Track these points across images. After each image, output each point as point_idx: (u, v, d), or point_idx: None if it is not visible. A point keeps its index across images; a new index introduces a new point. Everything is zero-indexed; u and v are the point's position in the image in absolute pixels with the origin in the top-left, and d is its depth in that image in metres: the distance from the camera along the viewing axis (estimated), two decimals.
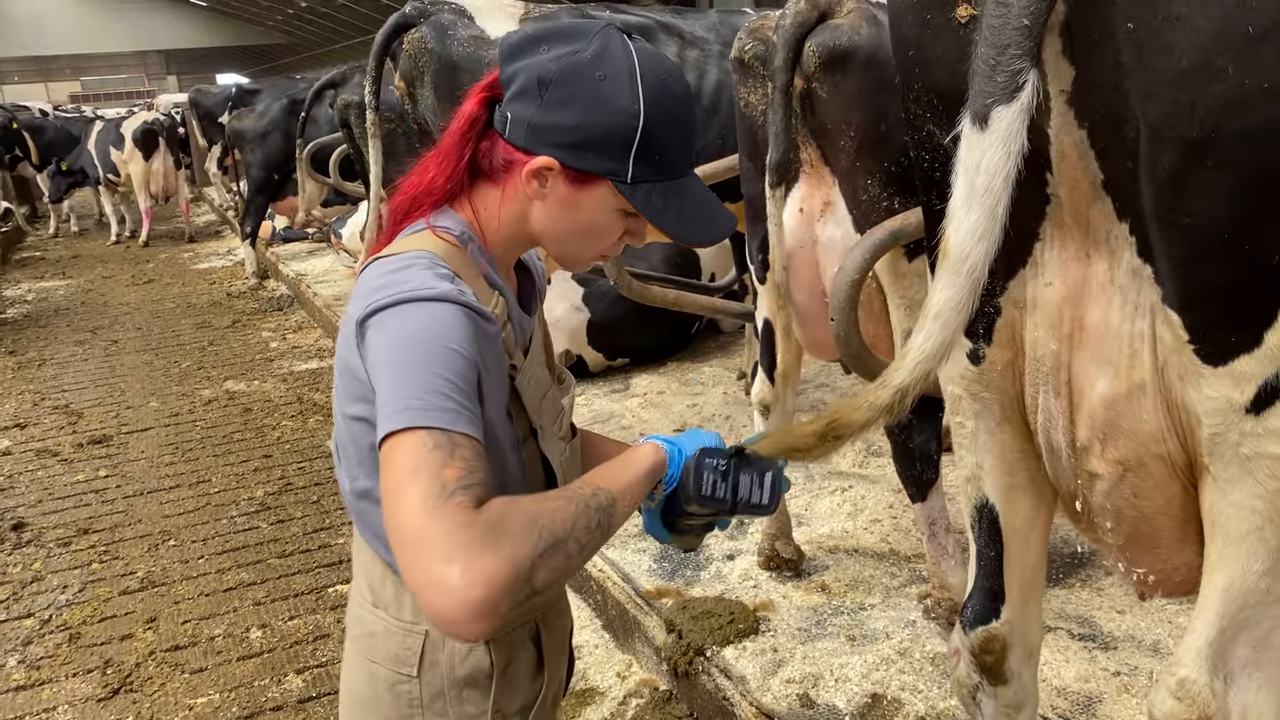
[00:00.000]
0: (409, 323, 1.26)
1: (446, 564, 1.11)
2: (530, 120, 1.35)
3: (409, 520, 1.15)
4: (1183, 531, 1.60)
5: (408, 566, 1.15)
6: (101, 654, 3.91)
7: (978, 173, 1.28)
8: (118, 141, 14.05)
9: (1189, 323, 1.38)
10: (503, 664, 1.51)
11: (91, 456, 6.11)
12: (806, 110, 3.02)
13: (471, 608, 1.11)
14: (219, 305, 10.38)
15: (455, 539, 1.13)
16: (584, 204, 1.38)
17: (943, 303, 1.30)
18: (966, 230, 1.27)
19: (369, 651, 1.52)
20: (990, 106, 1.28)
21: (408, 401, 1.21)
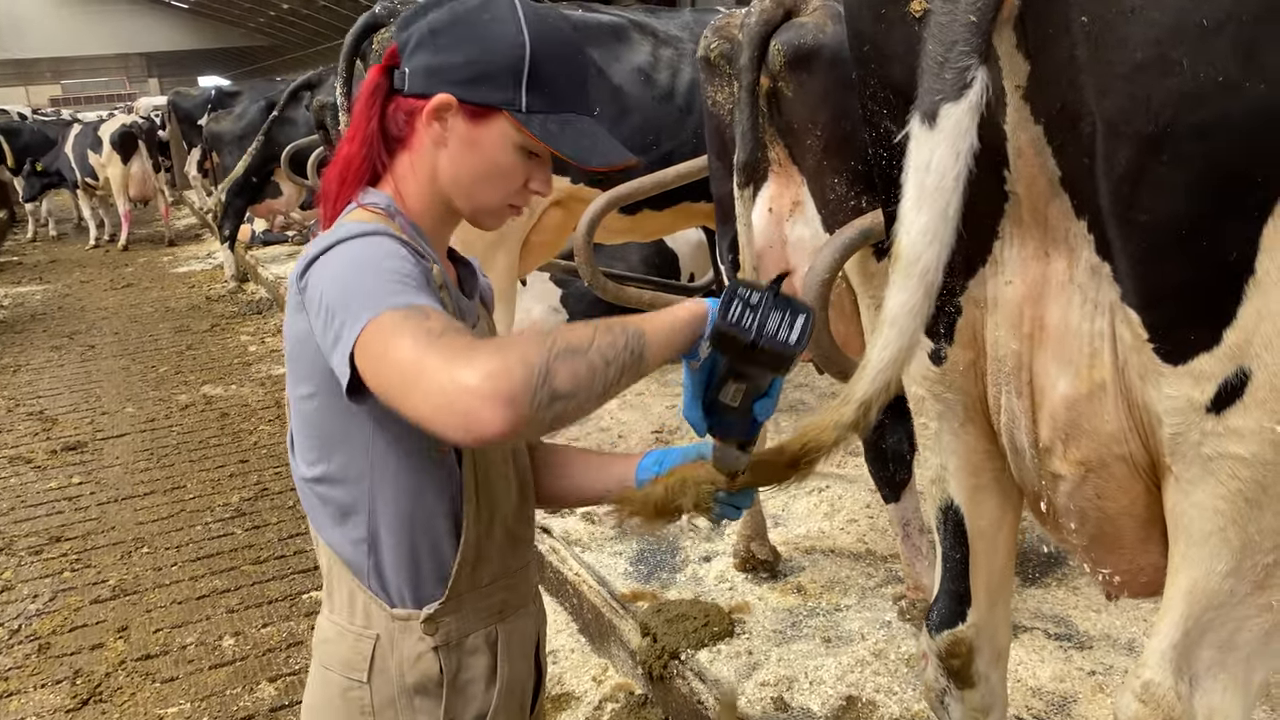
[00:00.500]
0: (346, 254, 1.31)
1: (456, 371, 1.12)
2: (425, 65, 1.41)
3: (405, 361, 1.16)
4: (1146, 532, 1.58)
5: (414, 397, 1.15)
6: (71, 664, 3.85)
7: (927, 172, 1.26)
8: (96, 145, 13.94)
9: (1148, 321, 1.35)
10: (453, 671, 1.48)
11: (65, 463, 6.04)
12: (773, 109, 2.99)
13: (490, 397, 1.10)
14: (198, 309, 10.30)
15: (458, 356, 1.13)
16: (485, 141, 1.41)
17: (898, 308, 1.27)
18: (918, 232, 1.24)
19: (323, 658, 1.51)
20: (939, 104, 1.26)
21: (366, 301, 1.23)
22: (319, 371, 1.35)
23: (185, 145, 15.18)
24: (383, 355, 1.19)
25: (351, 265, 1.30)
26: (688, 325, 1.35)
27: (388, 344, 1.18)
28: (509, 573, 1.55)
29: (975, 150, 1.22)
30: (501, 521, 1.52)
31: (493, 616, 1.53)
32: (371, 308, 1.22)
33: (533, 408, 1.12)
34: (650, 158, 4.42)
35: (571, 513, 4.24)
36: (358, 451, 1.41)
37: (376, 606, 1.45)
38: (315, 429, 1.42)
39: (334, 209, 1.49)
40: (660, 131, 4.48)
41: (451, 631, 1.48)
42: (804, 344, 1.31)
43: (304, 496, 1.48)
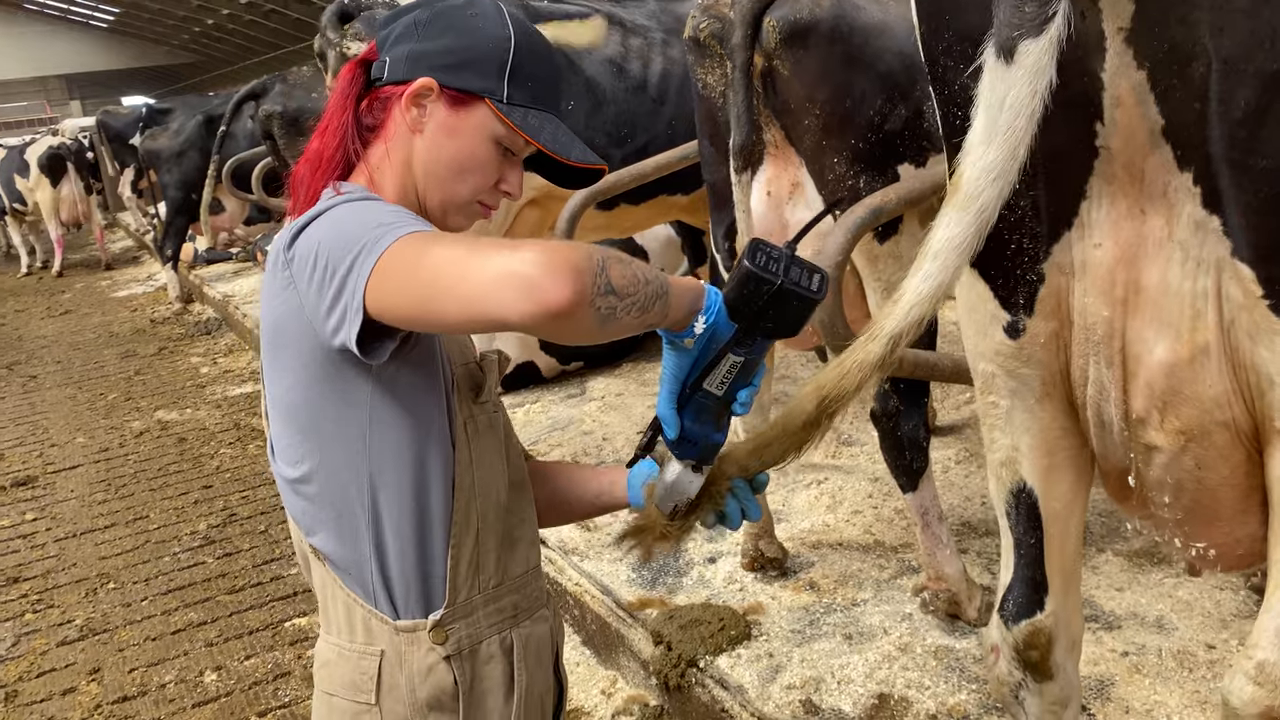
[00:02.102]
0: (338, 213, 1.29)
1: (514, 251, 1.10)
2: (408, 52, 1.39)
3: (450, 259, 1.13)
4: (1246, 503, 1.49)
5: (467, 287, 1.11)
6: (42, 712, 3.62)
7: (1001, 109, 1.18)
8: (22, 169, 13.45)
9: (1264, 275, 1.27)
10: (468, 682, 1.41)
11: (16, 499, 5.75)
12: (768, 89, 2.89)
13: (554, 267, 1.08)
14: (143, 333, 9.95)
15: (508, 245, 1.11)
16: (463, 129, 1.38)
17: (945, 241, 1.20)
18: (983, 168, 1.17)
19: (325, 683, 1.44)
20: (1017, 39, 1.18)
21: (372, 238, 1.20)
22: (307, 355, 1.30)
23: (117, 166, 14.72)
24: (416, 269, 1.15)
25: (347, 217, 1.27)
26: (690, 293, 1.31)
27: (420, 256, 1.16)
28: (512, 575, 1.49)
29: (1053, 88, 1.13)
30: (496, 514, 1.46)
31: (505, 621, 1.46)
32: (382, 241, 1.19)
33: (594, 289, 1.11)
34: (625, 151, 4.31)
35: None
36: (353, 441, 1.34)
37: (377, 621, 1.38)
38: (302, 421, 1.35)
39: (306, 199, 1.43)
40: (635, 124, 4.37)
41: (463, 639, 1.41)
42: (824, 293, 1.30)
43: (291, 503, 1.41)
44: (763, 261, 1.27)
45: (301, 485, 1.38)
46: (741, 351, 1.33)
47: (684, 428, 1.39)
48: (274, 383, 1.36)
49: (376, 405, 1.32)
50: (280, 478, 1.40)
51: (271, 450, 1.42)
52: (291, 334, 1.30)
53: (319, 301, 1.23)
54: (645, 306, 1.19)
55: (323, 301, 1.22)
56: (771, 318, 1.30)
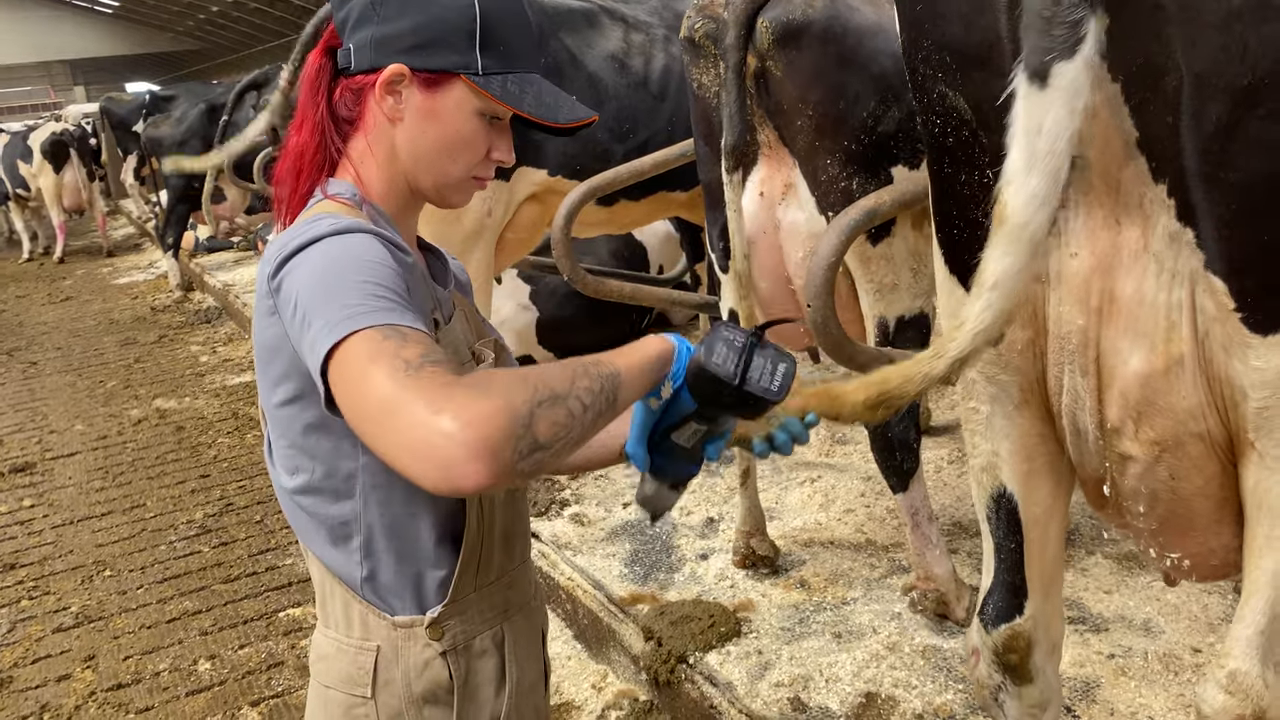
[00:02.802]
0: (323, 254, 1.21)
1: (435, 414, 1.01)
2: (371, 37, 1.33)
3: (381, 395, 1.05)
4: (1220, 513, 1.51)
5: (392, 435, 1.04)
6: (37, 698, 3.64)
7: (1039, 135, 1.17)
8: (26, 155, 13.44)
9: (1235, 288, 1.28)
10: (463, 676, 1.41)
11: (14, 486, 5.77)
12: (762, 90, 2.89)
13: (471, 447, 1.00)
14: (143, 320, 9.96)
15: (438, 394, 1.03)
16: (443, 110, 1.34)
17: (1002, 271, 1.20)
18: (1028, 195, 1.16)
19: (322, 676, 1.44)
20: (1050, 63, 1.17)
21: (343, 313, 1.13)
22: (297, 373, 1.27)
23: (120, 152, 14.73)
24: (357, 385, 1.09)
25: (328, 267, 1.20)
26: (657, 363, 1.29)
27: (363, 372, 1.08)
28: (507, 571, 1.50)
29: (1089, 109, 1.14)
30: (500, 512, 1.47)
31: (498, 616, 1.47)
32: (346, 322, 1.12)
33: (514, 459, 1.03)
34: (627, 146, 4.31)
35: (560, 515, 4.12)
36: (345, 454, 1.33)
37: (375, 617, 1.39)
38: (296, 436, 1.34)
39: (293, 204, 1.40)
40: (636, 120, 4.37)
41: (458, 635, 1.42)
42: (785, 393, 1.29)
43: (288, 510, 1.41)
44: (720, 359, 1.26)
45: (298, 496, 1.37)
46: (705, 423, 1.35)
47: (655, 464, 1.42)
48: (267, 394, 1.35)
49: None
50: (277, 485, 1.41)
51: (269, 451, 1.41)
52: (280, 353, 1.29)
53: (298, 341, 1.20)
54: (585, 433, 1.14)
55: (300, 344, 1.20)
56: (730, 409, 1.31)
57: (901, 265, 2.81)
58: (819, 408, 1.38)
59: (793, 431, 1.44)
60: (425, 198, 1.43)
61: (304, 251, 1.22)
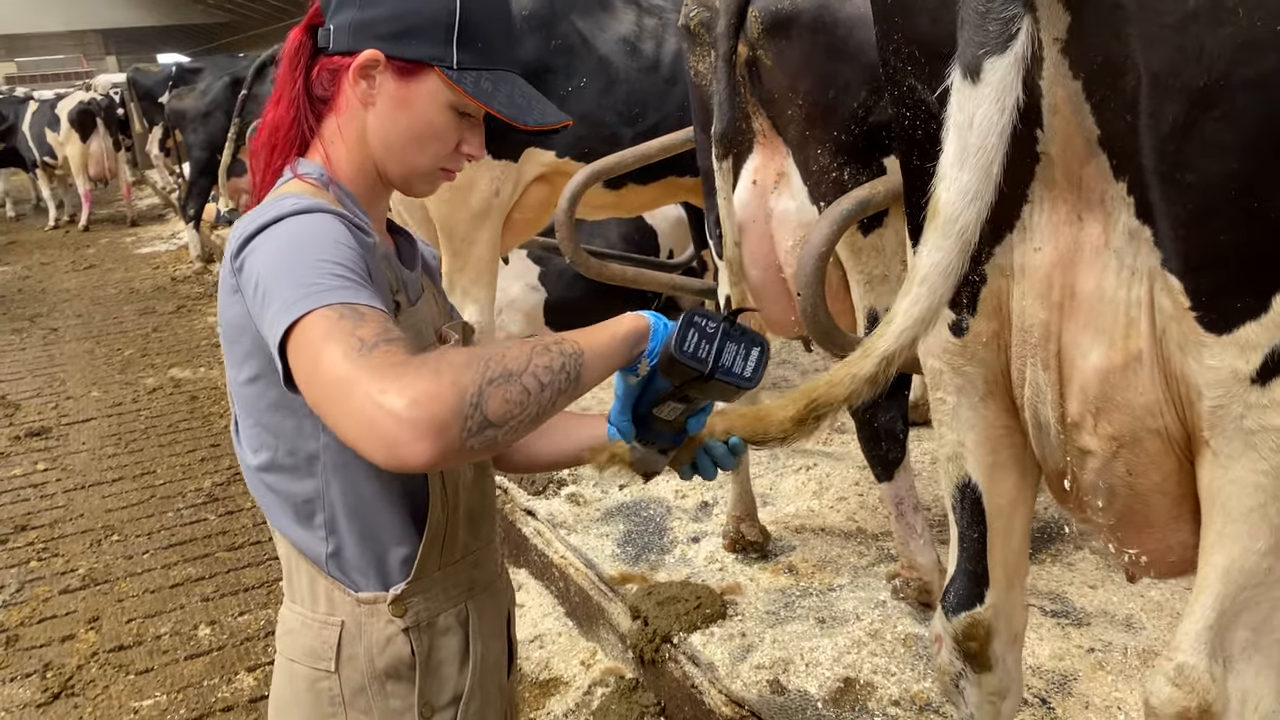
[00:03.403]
0: (284, 233, 1.23)
1: (382, 392, 1.04)
2: (351, 21, 1.34)
3: (333, 373, 1.08)
4: (1178, 510, 1.52)
5: (340, 414, 1.07)
6: (41, 656, 3.73)
7: (970, 129, 1.19)
8: (53, 123, 13.59)
9: (1191, 287, 1.29)
10: (425, 652, 1.43)
11: (30, 449, 5.87)
12: (754, 78, 2.90)
13: (417, 425, 1.03)
14: (163, 290, 10.08)
15: (388, 373, 1.05)
16: (415, 100, 1.35)
17: (930, 266, 1.21)
18: (958, 190, 1.17)
19: (288, 649, 1.46)
20: (982, 58, 1.19)
21: (300, 291, 1.15)
22: (260, 352, 1.29)
23: (146, 123, 14.84)
24: (312, 362, 1.11)
25: (288, 246, 1.22)
26: (627, 341, 1.31)
27: (318, 350, 1.10)
28: (472, 550, 1.52)
29: (1020, 105, 1.15)
30: (464, 493, 1.48)
31: (462, 594, 1.49)
32: (304, 300, 1.14)
33: (462, 436, 1.06)
34: (636, 130, 4.32)
35: (556, 494, 4.16)
36: (307, 433, 1.35)
37: (340, 592, 1.41)
38: (260, 414, 1.35)
39: (265, 180, 1.42)
40: (646, 103, 4.38)
41: (421, 612, 1.43)
42: (758, 378, 1.31)
43: (253, 486, 1.42)
44: (691, 346, 1.27)
45: (262, 474, 1.39)
46: (683, 402, 1.37)
47: (640, 434, 1.44)
48: (233, 371, 1.37)
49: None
50: (243, 463, 1.42)
51: (235, 430, 1.42)
52: (244, 332, 1.30)
53: (259, 320, 1.22)
54: (543, 410, 1.15)
55: (261, 323, 1.21)
56: (704, 393, 1.33)
57: (892, 257, 2.82)
58: (743, 431, 1.39)
59: (715, 455, 1.45)
60: (392, 185, 1.44)
61: (266, 231, 1.24)
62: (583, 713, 3.08)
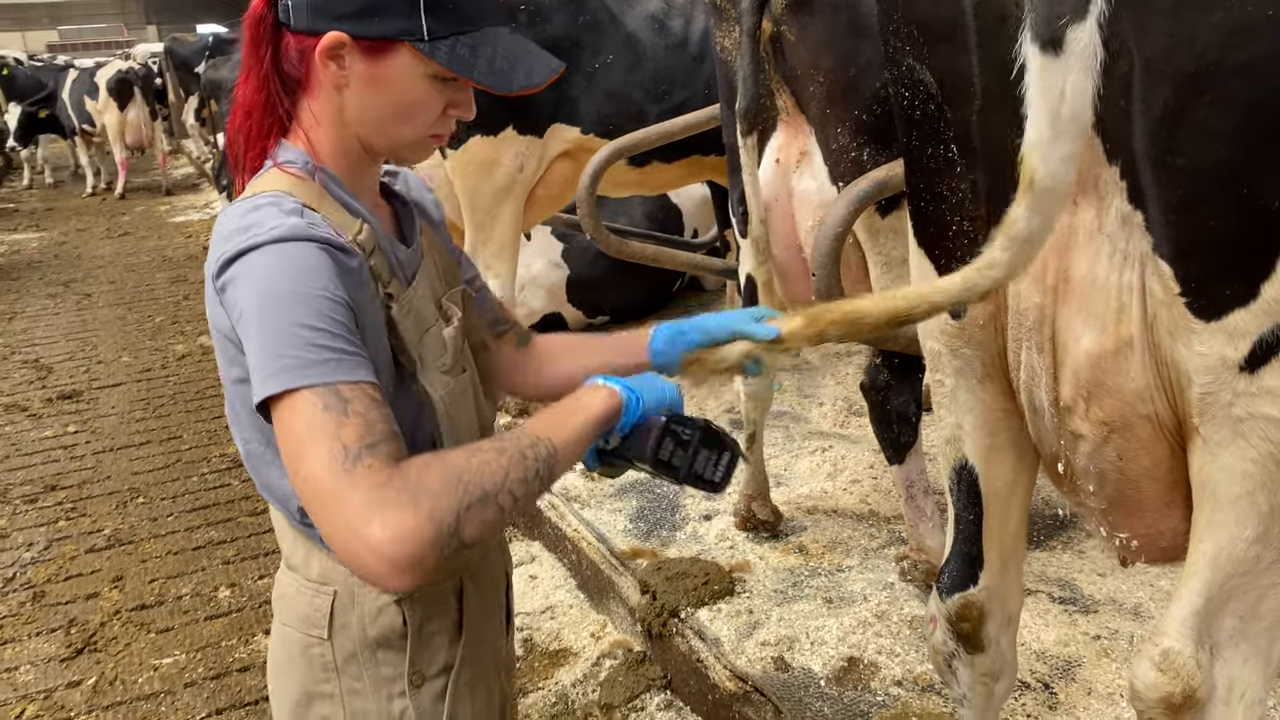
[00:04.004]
0: (263, 273, 1.18)
1: (365, 524, 1.08)
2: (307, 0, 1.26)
3: (318, 485, 1.12)
4: (1169, 496, 1.52)
5: (326, 528, 1.12)
6: (66, 613, 3.83)
7: (1063, 100, 1.16)
8: (92, 91, 13.77)
9: (1181, 273, 1.29)
10: (417, 623, 1.43)
11: (61, 412, 6.00)
12: (778, 55, 2.89)
13: (396, 563, 1.08)
14: (195, 259, 10.20)
15: (370, 499, 1.09)
16: (388, 78, 1.28)
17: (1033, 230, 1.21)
18: (1058, 159, 1.16)
19: (282, 614, 1.48)
20: (1064, 29, 1.16)
21: (280, 361, 1.15)
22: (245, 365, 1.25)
23: (182, 93, 14.99)
24: (295, 456, 1.14)
25: (267, 299, 1.17)
26: (600, 424, 1.33)
27: (301, 446, 1.13)
28: None
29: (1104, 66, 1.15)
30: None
31: (456, 567, 1.48)
32: (284, 375, 1.14)
33: (437, 561, 1.11)
34: (662, 107, 4.33)
35: (570, 470, 4.20)
36: None
37: (332, 562, 1.41)
38: (248, 410, 1.29)
39: (246, 169, 1.36)
40: (673, 81, 4.38)
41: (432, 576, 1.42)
42: (726, 485, 1.41)
43: (249, 467, 1.41)
44: (667, 455, 1.35)
45: (253, 462, 1.38)
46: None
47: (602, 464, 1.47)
48: (223, 366, 1.32)
49: None
50: (236, 437, 1.39)
51: (232, 419, 1.38)
52: (231, 340, 1.25)
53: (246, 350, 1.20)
54: (514, 518, 1.18)
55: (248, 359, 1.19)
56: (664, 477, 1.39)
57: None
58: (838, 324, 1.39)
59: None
60: (381, 157, 1.40)
61: (245, 258, 1.18)
62: (590, 683, 3.13)
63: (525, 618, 3.47)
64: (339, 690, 1.42)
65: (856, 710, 2.64)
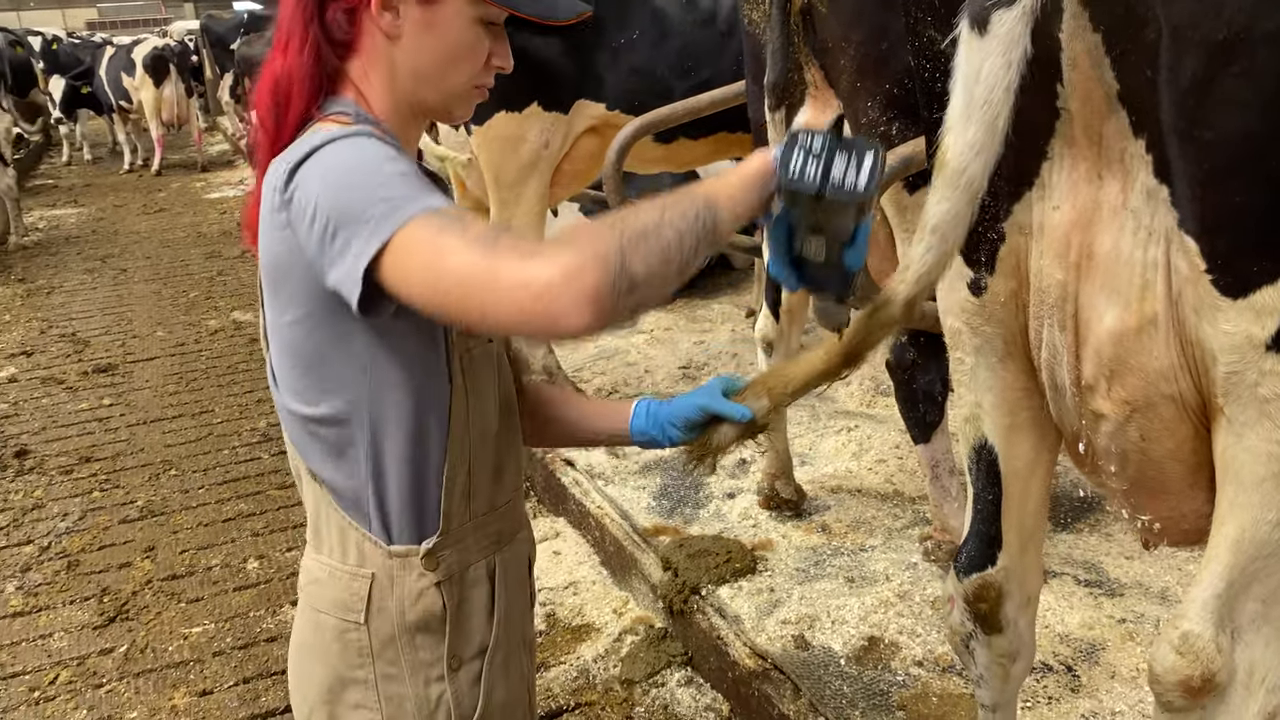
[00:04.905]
0: (333, 161, 1.22)
1: (528, 273, 1.08)
2: None
3: (467, 268, 1.11)
4: (1193, 478, 1.49)
5: (487, 303, 1.10)
6: (99, 582, 3.90)
7: (977, 82, 1.17)
8: (129, 68, 13.90)
9: (1207, 250, 1.26)
10: (455, 605, 1.42)
11: (96, 385, 6.09)
12: (808, 28, 2.85)
13: (572, 296, 1.07)
14: (229, 235, 10.29)
15: (528, 256, 1.09)
16: (441, 21, 1.32)
17: (940, 215, 1.23)
18: (965, 144, 1.17)
19: (314, 599, 1.45)
20: (990, 10, 1.17)
21: (385, 207, 1.15)
22: (308, 292, 1.27)
23: (218, 70, 15.10)
24: (433, 265, 1.13)
25: (348, 169, 1.21)
26: (757, 182, 1.27)
27: (437, 252, 1.12)
28: (499, 504, 1.50)
29: (1028, 59, 1.13)
30: (488, 445, 1.46)
31: (490, 546, 1.48)
32: (393, 215, 1.15)
33: (614, 299, 1.08)
34: (688, 83, 4.29)
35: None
36: (355, 376, 1.33)
37: (371, 545, 1.39)
38: (305, 357, 1.33)
39: (283, 129, 1.35)
40: (700, 57, 4.34)
41: (453, 565, 1.42)
42: (873, 186, 1.23)
43: (292, 432, 1.40)
44: (798, 168, 1.23)
45: (304, 420, 1.36)
46: (816, 232, 1.30)
47: (805, 281, 1.38)
48: (275, 314, 1.34)
49: (377, 344, 1.31)
50: (281, 406, 1.39)
51: (272, 376, 1.40)
52: (292, 272, 1.27)
53: (319, 256, 1.20)
54: (685, 261, 1.15)
55: (323, 258, 1.20)
56: (821, 216, 1.27)
57: None
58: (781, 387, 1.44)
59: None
60: (429, 114, 1.42)
61: (313, 159, 1.23)
62: (612, 659, 3.14)
63: (548, 593, 3.49)
64: (373, 675, 1.41)
65: (876, 689, 2.63)
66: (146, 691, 3.20)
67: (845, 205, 1.24)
